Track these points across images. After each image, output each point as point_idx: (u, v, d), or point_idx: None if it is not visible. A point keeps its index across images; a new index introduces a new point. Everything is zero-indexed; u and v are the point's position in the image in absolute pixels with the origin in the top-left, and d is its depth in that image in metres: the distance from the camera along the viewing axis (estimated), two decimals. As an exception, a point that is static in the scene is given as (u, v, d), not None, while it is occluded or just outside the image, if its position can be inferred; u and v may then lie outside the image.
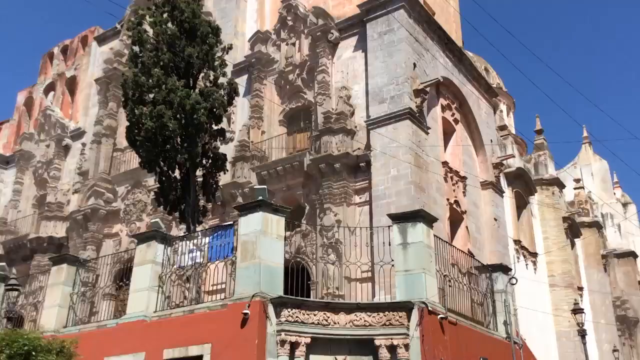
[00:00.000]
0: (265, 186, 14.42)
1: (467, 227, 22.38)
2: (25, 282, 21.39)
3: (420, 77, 20.79)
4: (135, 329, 12.63)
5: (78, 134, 29.18)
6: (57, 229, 26.93)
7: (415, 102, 20.11)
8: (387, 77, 20.39)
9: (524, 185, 29.20)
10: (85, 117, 29.48)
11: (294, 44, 23.61)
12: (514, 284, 16.22)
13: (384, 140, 19.47)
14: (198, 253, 13.47)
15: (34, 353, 10.65)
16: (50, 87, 32.36)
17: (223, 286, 15.56)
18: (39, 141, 30.56)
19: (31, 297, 19.77)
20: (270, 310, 11.31)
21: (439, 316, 12.24)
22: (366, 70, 21.25)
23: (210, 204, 19.15)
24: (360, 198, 20.00)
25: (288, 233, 14.93)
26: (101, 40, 30.79)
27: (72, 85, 31.37)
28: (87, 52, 31.34)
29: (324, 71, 21.94)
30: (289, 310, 11.43)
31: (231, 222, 13.61)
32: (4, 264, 20.44)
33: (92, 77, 29.63)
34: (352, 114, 21.07)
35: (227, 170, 19.17)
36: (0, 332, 11.80)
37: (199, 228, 16.75)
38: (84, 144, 28.33)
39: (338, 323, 11.68)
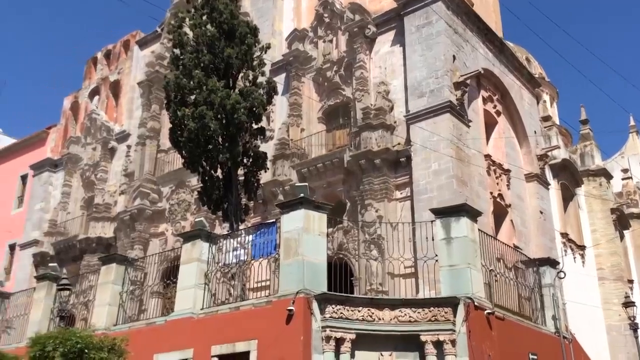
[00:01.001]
0: (306, 183, 14.52)
1: (511, 221, 22.00)
2: (75, 281, 22.03)
3: (460, 70, 20.51)
4: (184, 326, 12.87)
5: (123, 137, 29.87)
6: (105, 230, 27.63)
7: (456, 95, 19.86)
8: (426, 70, 20.20)
9: (570, 177, 28.49)
10: (130, 119, 30.16)
11: (331, 41, 23.62)
12: (562, 278, 15.88)
13: (424, 134, 19.30)
14: (242, 251, 13.64)
15: (86, 351, 10.94)
16: (95, 92, 33.21)
17: (267, 283, 15.69)
18: (86, 144, 31.41)
19: (81, 296, 20.36)
20: (315, 306, 11.36)
21: (486, 311, 12.08)
22: (404, 64, 21.10)
23: (252, 202, 19.36)
24: (401, 193, 19.88)
25: (330, 230, 14.94)
26: (143, 44, 31.44)
27: (115, 89, 32.13)
28: (129, 56, 32.04)
29: (361, 67, 21.88)
30: (333, 306, 11.47)
31: (274, 220, 13.71)
32: (55, 264, 21.19)
33: (135, 81, 30.29)
34: (391, 109, 20.96)
35: (268, 169, 19.34)
36: (54, 331, 12.21)
37: (241, 226, 16.96)
38: (129, 146, 28.98)
39: (383, 319, 11.65)
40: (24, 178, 34.61)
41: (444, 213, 12.82)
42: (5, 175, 35.58)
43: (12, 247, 32.86)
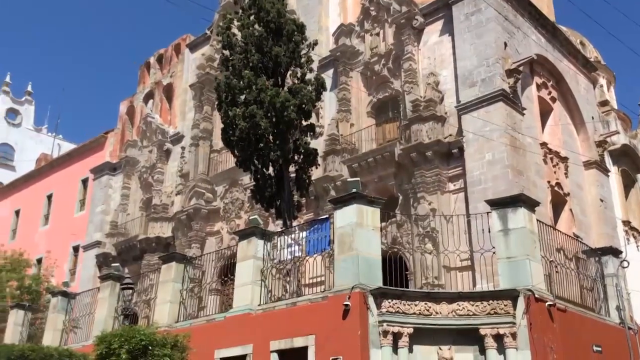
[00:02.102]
0: (358, 178, 14.50)
1: (571, 210, 21.36)
2: (137, 280, 22.73)
3: (512, 57, 20.03)
4: (242, 322, 13.10)
5: (177, 138, 30.59)
6: (164, 229, 28.37)
7: (508, 83, 19.42)
8: (476, 59, 19.83)
9: (630, 163, 27.40)
10: (183, 121, 30.86)
11: (378, 34, 23.48)
12: (625, 267, 15.35)
13: (476, 124, 18.96)
14: (296, 247, 13.76)
15: (150, 347, 11.30)
16: (149, 96, 34.11)
17: (321, 279, 15.79)
18: (142, 147, 32.33)
19: (143, 294, 20.99)
20: (371, 301, 11.36)
21: (547, 303, 11.80)
22: (454, 54, 20.77)
23: (304, 198, 19.49)
24: (454, 185, 19.61)
25: (383, 224, 14.92)
26: (193, 47, 32.07)
27: (169, 92, 32.91)
28: (180, 59, 32.75)
29: (410, 59, 21.66)
30: (390, 301, 11.43)
31: (327, 216, 13.77)
32: (117, 264, 21.89)
33: (187, 83, 30.95)
34: (442, 100, 20.68)
35: (319, 165, 19.41)
36: (119, 329, 12.64)
37: (294, 223, 17.11)
38: (183, 148, 29.65)
39: (440, 313, 11.54)
40: (84, 182, 35.92)
41: (500, 204, 12.57)
42: (67, 179, 37.03)
43: (75, 249, 34.16)
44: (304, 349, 11.70)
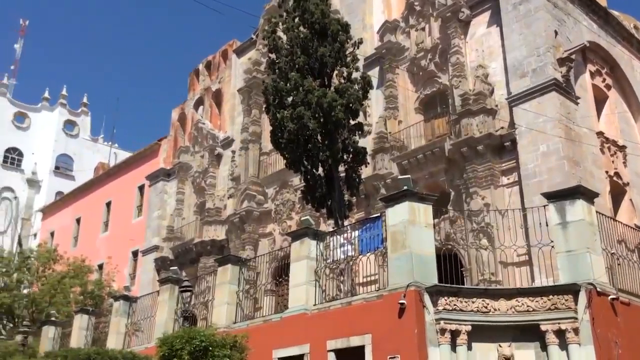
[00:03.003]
0: (408, 176, 14.39)
1: (631, 200, 20.60)
2: (194, 283, 23.25)
3: (564, 45, 19.47)
4: (298, 322, 13.21)
5: (227, 143, 31.12)
6: (218, 232, 28.92)
7: (561, 72, 18.88)
8: (526, 49, 19.37)
9: (696, 149, 26.18)
10: (232, 126, 31.37)
11: (423, 29, 23.25)
12: (693, 258, 14.63)
13: (528, 116, 18.52)
14: (349, 246, 13.77)
15: (210, 348, 11.54)
16: (199, 102, 34.86)
17: (375, 277, 15.73)
18: (194, 153, 33.04)
19: (201, 296, 21.44)
20: (427, 299, 11.26)
21: (610, 297, 11.41)
22: (503, 45, 20.35)
23: (354, 197, 19.48)
24: (508, 179, 19.22)
25: (435, 220, 14.74)
26: (240, 52, 32.56)
27: (218, 97, 33.52)
28: (228, 65, 33.30)
29: (457, 52, 21.34)
30: (446, 298, 11.30)
31: (378, 214, 13.73)
32: (175, 268, 22.40)
33: (235, 88, 31.45)
34: (492, 92, 20.29)
35: (368, 163, 19.37)
36: (180, 331, 12.95)
37: (346, 222, 17.14)
38: (233, 152, 30.13)
39: (499, 310, 11.33)
40: (141, 188, 36.98)
41: (557, 197, 12.23)
42: (124, 186, 38.23)
43: (134, 254, 35.23)
44: (361, 348, 11.70)
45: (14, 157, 54.98)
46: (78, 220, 41.76)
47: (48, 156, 55.54)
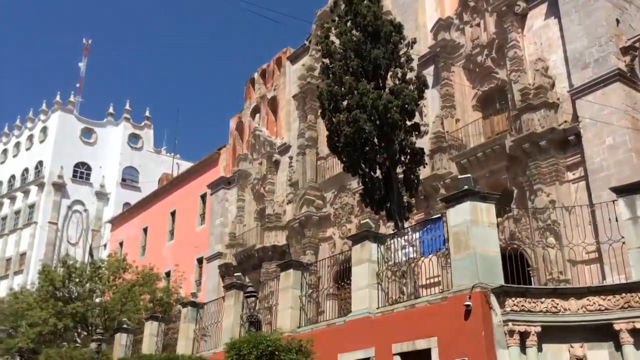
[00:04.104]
0: (469, 175, 14.14)
1: None
2: (257, 288, 23.61)
3: (626, 33, 18.70)
4: (362, 326, 13.19)
5: (284, 149, 31.48)
6: (278, 238, 29.26)
7: (624, 61, 18.15)
8: (587, 39, 18.71)
9: None
10: (289, 132, 31.71)
11: (478, 25, 22.83)
12: None
13: (592, 108, 17.87)
14: (410, 248, 13.65)
15: (276, 353, 11.70)
16: (255, 110, 35.41)
17: (438, 279, 15.55)
18: (253, 160, 33.59)
19: (264, 301, 21.74)
20: (493, 300, 11.03)
21: (688, 293, 10.85)
22: (562, 36, 19.75)
23: (413, 199, 19.30)
24: (573, 174, 18.59)
25: (499, 220, 14.46)
26: (293, 58, 32.90)
27: (273, 104, 33.97)
28: (282, 72, 33.71)
29: (514, 46, 20.84)
30: (513, 299, 11.03)
31: (439, 215, 13.54)
32: (239, 273, 22.81)
33: (290, 95, 31.78)
34: (552, 85, 19.70)
35: (426, 164, 19.16)
36: (246, 336, 13.19)
37: (406, 224, 16.99)
38: (290, 157, 30.44)
39: (569, 309, 10.97)
40: (203, 197, 37.87)
41: (627, 190, 11.73)
42: (187, 196, 39.27)
43: (199, 261, 36.09)
44: (427, 351, 11.57)
45: (82, 172, 57.48)
46: (145, 230, 43.16)
47: (115, 169, 57.82)
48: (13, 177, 59.45)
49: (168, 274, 35.81)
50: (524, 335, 10.88)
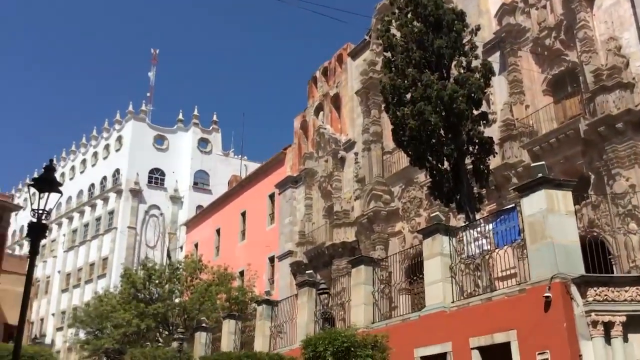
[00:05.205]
0: (542, 162, 13.68)
1: None
2: (329, 285, 23.74)
3: None
4: (437, 320, 13.04)
5: (349, 145, 31.50)
6: (348, 234, 29.31)
7: None
8: (663, 13, 17.70)
9: None
10: (353, 128, 31.70)
11: (544, 7, 22.05)
12: None
13: (673, 85, 16.88)
14: (484, 240, 13.36)
15: (352, 349, 11.77)
16: (319, 108, 35.62)
17: (514, 271, 15.13)
18: (318, 158, 33.80)
19: (337, 298, 21.85)
20: (574, 290, 10.65)
21: None
22: (634, 13, 18.88)
23: (484, 189, 18.88)
24: (654, 156, 17.63)
25: (576, 207, 13.90)
26: (354, 54, 32.84)
27: (336, 102, 34.06)
28: (344, 68, 33.73)
29: (584, 26, 19.98)
30: (595, 289, 10.62)
31: (512, 205, 13.19)
32: (311, 271, 23.05)
33: (352, 91, 31.76)
34: (627, 65, 18.79)
35: (496, 153, 18.71)
36: (322, 333, 13.32)
37: (477, 216, 16.65)
38: (356, 153, 30.42)
39: (656, 298, 10.46)
40: (271, 197, 38.47)
41: None
42: (256, 196, 40.00)
43: (271, 260, 36.69)
44: (506, 345, 11.31)
45: (157, 177, 59.68)
46: (218, 231, 44.30)
47: (186, 173, 59.70)
48: (92, 185, 62.45)
49: (242, 273, 36.61)
50: (608, 326, 10.46)
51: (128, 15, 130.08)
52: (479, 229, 13.63)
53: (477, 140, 17.31)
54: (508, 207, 13.63)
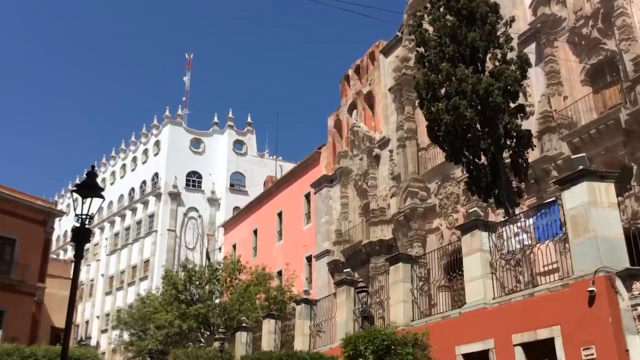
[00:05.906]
0: (583, 154, 13.38)
1: None
2: (367, 283, 23.67)
3: None
4: (478, 317, 12.88)
5: (384, 143, 31.37)
6: (384, 232, 29.20)
7: None
8: None
9: None
10: (387, 125, 31.55)
11: (581, -5, 21.51)
12: None
13: None
14: (524, 235, 13.14)
15: (392, 347, 11.71)
16: (352, 106, 35.57)
17: (556, 266, 14.83)
18: (353, 156, 33.77)
19: (375, 296, 21.76)
20: (619, 284, 10.38)
21: None
22: (677, -5, 18.16)
23: (523, 183, 18.57)
24: (700, 144, 17.05)
25: (619, 199, 13.57)
26: (386, 51, 32.69)
27: (369, 99, 33.96)
28: (376, 66, 33.61)
29: (622, 14, 19.46)
30: (641, 282, 10.33)
31: (553, 199, 12.94)
32: (349, 269, 23.02)
33: (386, 88, 31.61)
34: (669, 50, 18.18)
35: (535, 146, 18.39)
36: (362, 331, 13.30)
37: (517, 210, 16.39)
38: (390, 151, 30.28)
39: None
40: (307, 196, 38.60)
41: None
42: (292, 196, 40.20)
43: (308, 259, 36.81)
44: (550, 341, 11.10)
45: (194, 180, 60.57)
46: (255, 232, 44.67)
47: (223, 175, 60.42)
48: (132, 189, 63.76)
49: (280, 273, 36.83)
50: (656, 320, 10.16)
51: (162, 20, 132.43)
52: (519, 223, 13.41)
53: (514, 134, 17.04)
54: (549, 200, 13.37)
